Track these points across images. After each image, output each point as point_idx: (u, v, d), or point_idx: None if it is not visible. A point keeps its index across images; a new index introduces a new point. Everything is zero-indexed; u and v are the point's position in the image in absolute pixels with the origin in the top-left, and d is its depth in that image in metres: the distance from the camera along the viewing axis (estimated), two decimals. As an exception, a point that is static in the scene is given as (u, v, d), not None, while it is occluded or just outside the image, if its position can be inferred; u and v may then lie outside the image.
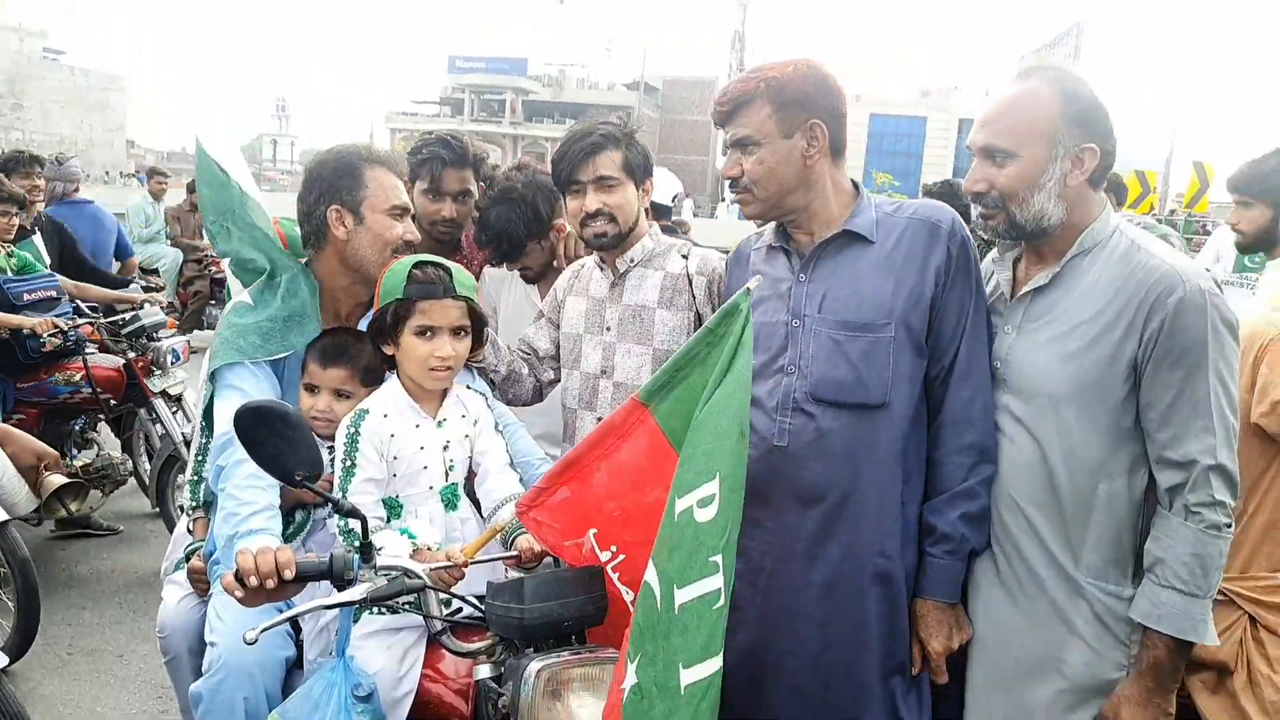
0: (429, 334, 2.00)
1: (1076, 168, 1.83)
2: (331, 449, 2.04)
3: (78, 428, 4.91)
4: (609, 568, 1.80)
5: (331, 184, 2.18)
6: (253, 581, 1.59)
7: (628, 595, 1.73)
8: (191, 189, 6.61)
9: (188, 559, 2.25)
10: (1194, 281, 1.73)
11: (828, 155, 2.04)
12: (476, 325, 2.09)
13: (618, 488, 1.77)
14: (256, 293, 2.23)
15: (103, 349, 4.83)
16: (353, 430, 1.98)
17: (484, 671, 1.72)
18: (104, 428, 5.10)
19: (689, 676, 1.48)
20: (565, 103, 65.57)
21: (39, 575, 3.70)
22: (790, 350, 2.02)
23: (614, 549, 1.78)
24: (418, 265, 2.02)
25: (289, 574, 1.61)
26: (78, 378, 4.65)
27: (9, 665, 2.30)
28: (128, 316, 4.83)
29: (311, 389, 2.14)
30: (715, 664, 1.48)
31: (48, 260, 5.11)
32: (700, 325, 2.27)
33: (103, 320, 4.82)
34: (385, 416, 2.00)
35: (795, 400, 1.99)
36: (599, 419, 2.36)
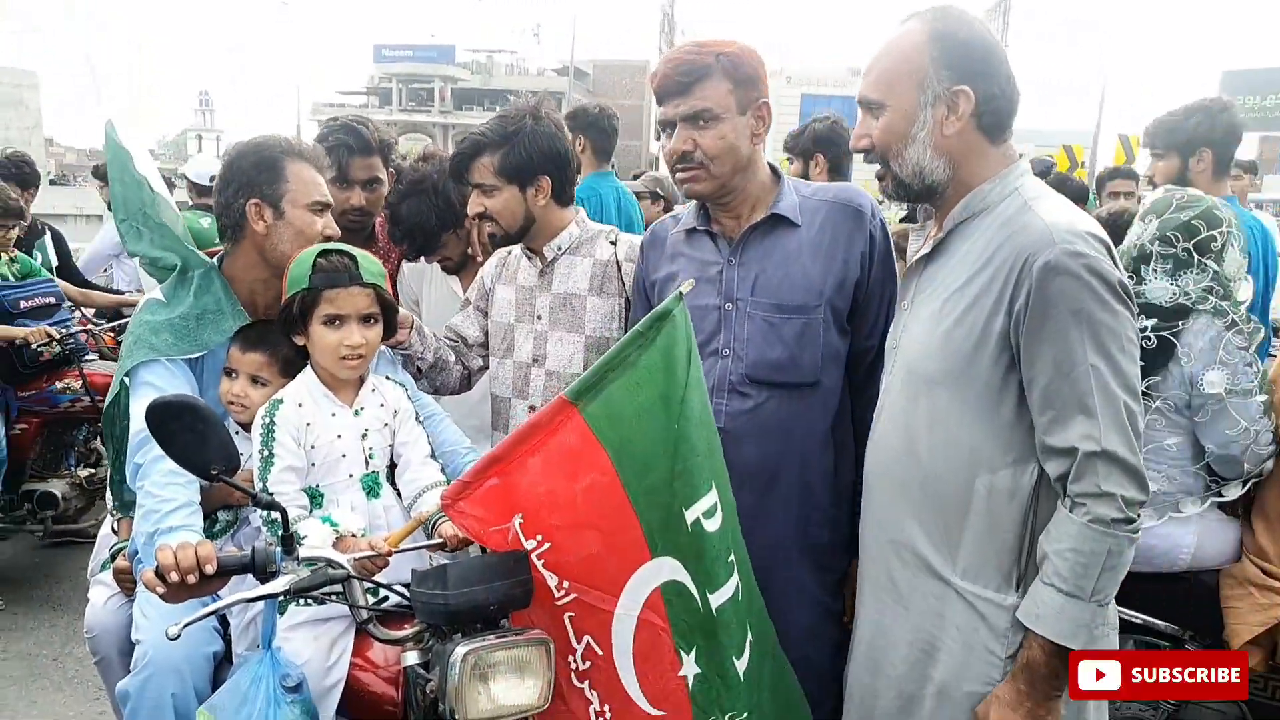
0: (337, 323, 2.00)
1: (952, 113, 1.65)
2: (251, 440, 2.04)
3: (80, 437, 4.78)
4: (534, 555, 1.84)
5: (251, 177, 2.16)
6: (173, 577, 1.58)
7: (552, 580, 1.76)
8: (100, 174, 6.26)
9: (113, 559, 2.24)
10: (1066, 243, 1.52)
11: (763, 139, 2.06)
12: (387, 312, 2.10)
13: (546, 477, 1.78)
14: (169, 289, 2.20)
15: (104, 356, 4.72)
16: (268, 420, 1.98)
17: (412, 658, 1.73)
18: None
19: (742, 663, 1.77)
20: (495, 89, 64.80)
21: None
22: (724, 333, 2.06)
23: (540, 537, 1.79)
24: (322, 254, 2.01)
25: (210, 568, 1.61)
26: (77, 385, 4.52)
27: None
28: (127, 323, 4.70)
29: (230, 373, 2.13)
30: (749, 638, 1.77)
31: (55, 262, 4.97)
32: (629, 311, 2.37)
33: (106, 326, 4.73)
34: (300, 406, 2.01)
35: (731, 382, 2.05)
36: (532, 407, 2.40)
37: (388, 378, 2.20)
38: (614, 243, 2.44)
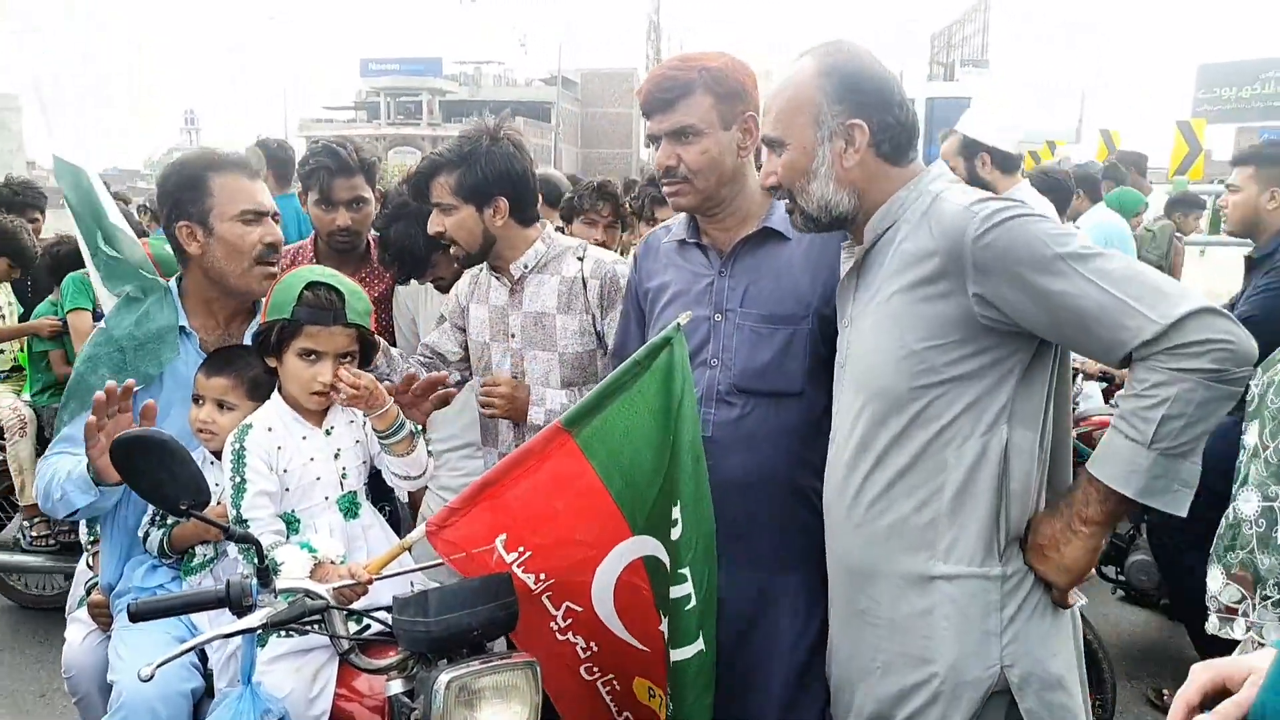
0: (313, 357, 1.97)
1: (850, 146, 1.69)
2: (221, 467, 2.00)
3: None
4: (515, 566, 1.81)
5: (177, 199, 2.12)
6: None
7: (529, 580, 1.82)
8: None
9: (89, 594, 2.19)
10: (983, 212, 1.55)
11: (751, 151, 2.07)
12: (365, 349, 2.07)
13: (534, 501, 1.79)
14: (113, 313, 2.17)
15: None
16: (238, 446, 1.95)
17: (396, 687, 1.70)
18: None
19: (675, 654, 1.84)
20: (483, 101, 64.89)
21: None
22: (713, 343, 2.08)
23: (521, 549, 1.80)
24: (310, 286, 1.97)
25: None
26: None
27: None
28: None
29: (197, 400, 2.09)
30: (696, 648, 1.85)
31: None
32: (595, 326, 2.39)
33: None
34: (270, 430, 1.98)
35: (719, 392, 2.06)
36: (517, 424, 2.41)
37: None
38: (581, 259, 2.44)
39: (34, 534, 4.21)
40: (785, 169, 1.75)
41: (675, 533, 1.83)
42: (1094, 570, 1.67)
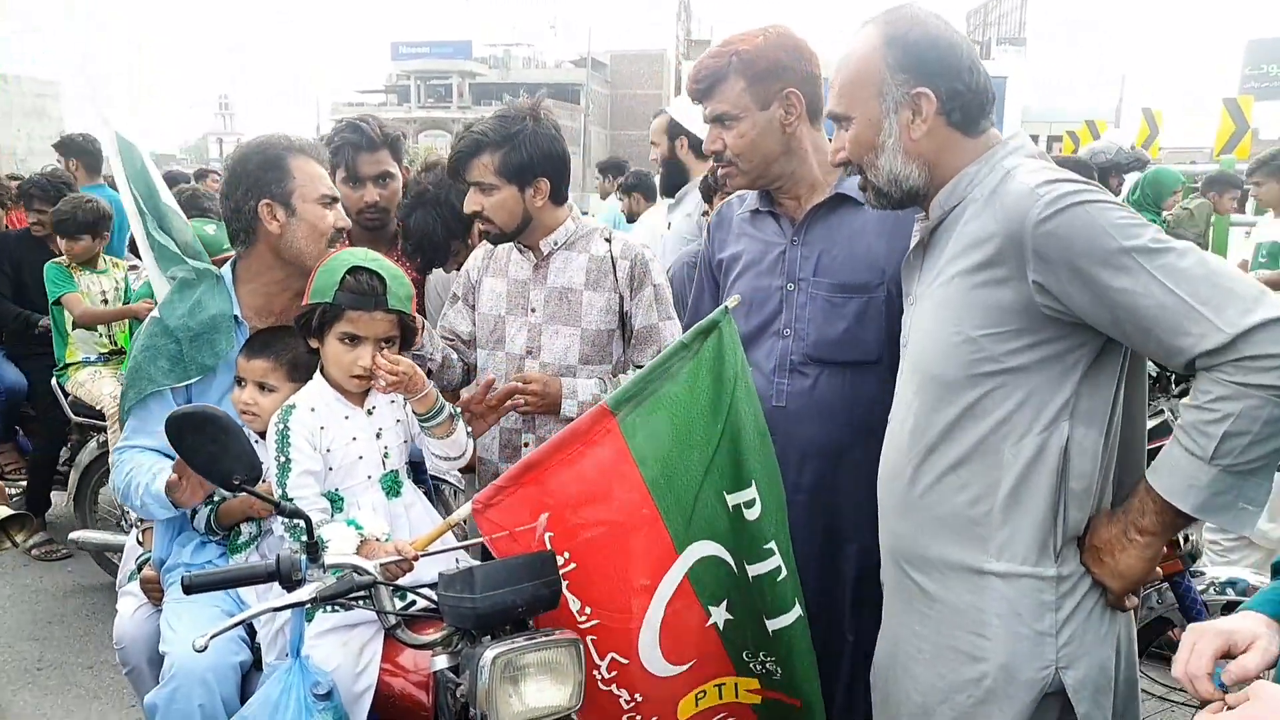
0: (353, 342, 1.98)
1: (917, 116, 1.62)
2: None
3: None
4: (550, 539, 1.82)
5: (259, 178, 2.14)
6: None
7: (575, 605, 1.81)
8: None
9: (139, 569, 2.24)
10: (1048, 195, 1.47)
11: (806, 120, 2.08)
12: (405, 334, 2.08)
13: (578, 487, 1.79)
14: (166, 302, 2.18)
15: None
16: (282, 426, 1.97)
17: (441, 662, 1.72)
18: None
19: (774, 624, 1.91)
20: (513, 83, 64.81)
21: (6, 591, 3.65)
22: (785, 314, 2.11)
23: (567, 555, 1.79)
24: (353, 271, 1.98)
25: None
26: None
27: None
28: None
29: (239, 381, 2.11)
30: (795, 613, 1.92)
31: None
32: (622, 306, 2.43)
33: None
34: (313, 410, 1.99)
35: (792, 362, 2.08)
36: None
37: None
38: (609, 240, 2.47)
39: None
40: (852, 144, 1.70)
41: (753, 512, 1.84)
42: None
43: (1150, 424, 1.92)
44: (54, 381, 4.52)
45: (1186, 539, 2.39)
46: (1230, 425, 1.37)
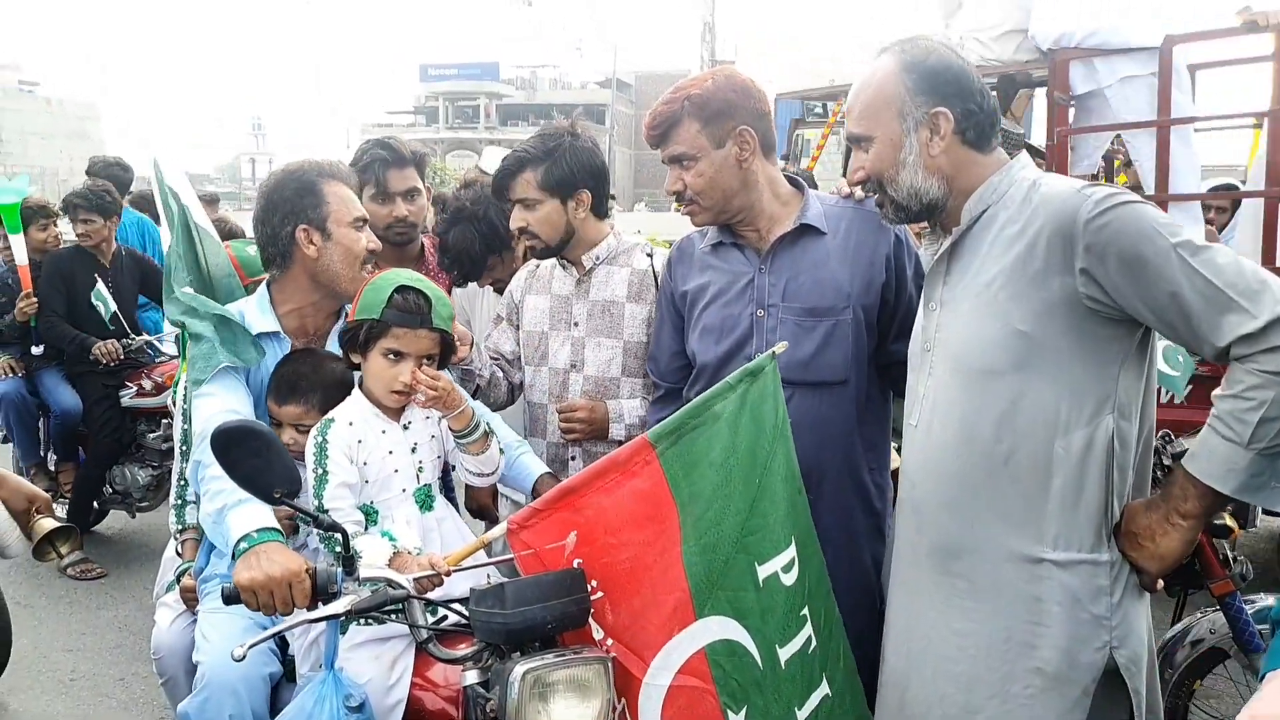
0: (396, 358, 2.03)
1: (935, 134, 1.75)
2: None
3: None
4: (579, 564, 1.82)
5: (295, 204, 2.19)
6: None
7: (598, 634, 1.78)
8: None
9: (178, 580, 2.28)
10: (1095, 194, 1.60)
11: (759, 155, 2.17)
12: (445, 352, 2.13)
13: (613, 517, 1.77)
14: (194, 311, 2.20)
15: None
16: (320, 439, 2.01)
17: (471, 677, 1.73)
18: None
19: (804, 711, 1.83)
20: (539, 104, 65.45)
21: (43, 604, 3.70)
22: (755, 339, 2.17)
23: (594, 584, 1.76)
24: (400, 289, 2.03)
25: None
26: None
27: None
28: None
29: (276, 423, 2.16)
30: (822, 692, 1.86)
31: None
32: None
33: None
34: (351, 424, 2.04)
35: None
36: None
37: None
38: (650, 255, 2.54)
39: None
40: (873, 161, 1.81)
41: (790, 576, 1.81)
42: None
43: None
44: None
45: (1235, 559, 2.38)
46: (1265, 411, 1.48)
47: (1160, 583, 1.72)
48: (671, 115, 2.15)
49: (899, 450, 1.97)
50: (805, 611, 1.86)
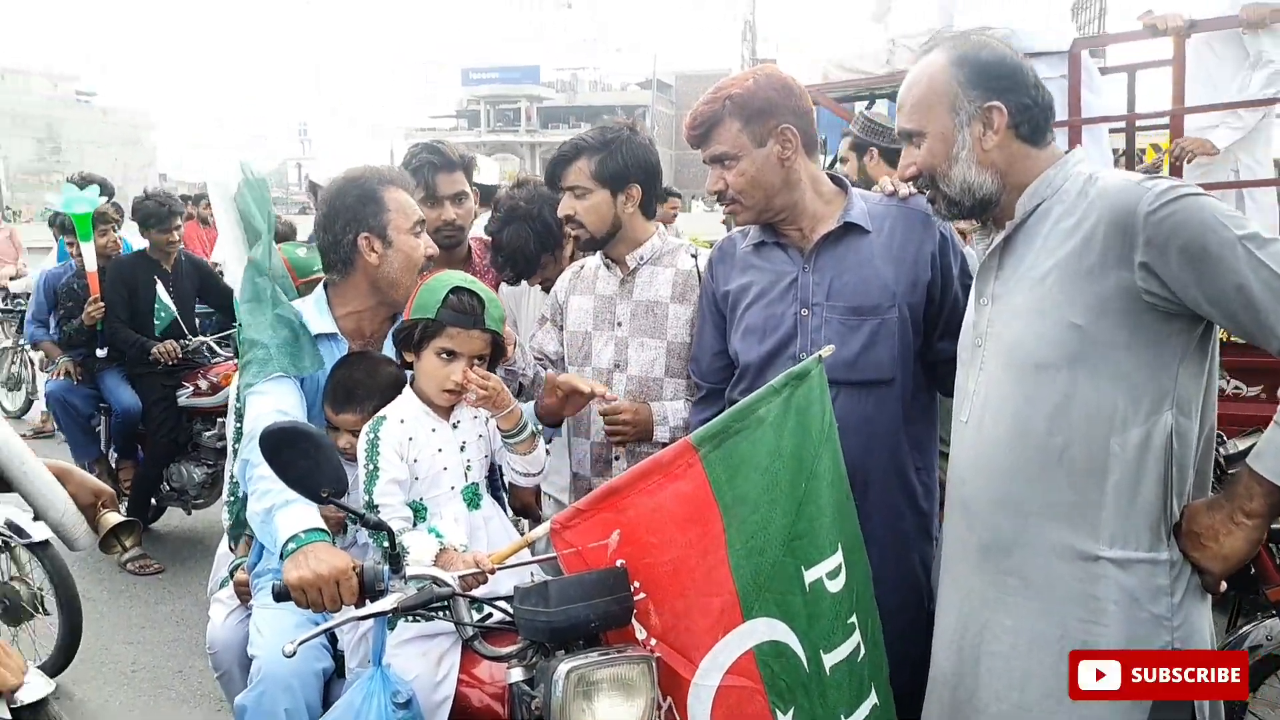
0: (448, 356, 2.07)
1: (988, 129, 1.74)
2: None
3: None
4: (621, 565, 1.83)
5: (357, 211, 2.24)
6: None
7: (640, 635, 1.78)
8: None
9: (232, 575, 2.34)
10: (1156, 187, 1.58)
11: (802, 153, 2.16)
12: (495, 353, 2.16)
13: (656, 519, 1.78)
14: (251, 314, 2.25)
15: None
16: (372, 435, 2.05)
17: (516, 675, 1.75)
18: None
19: None
20: (580, 106, 65.73)
21: (104, 597, 3.81)
22: (800, 338, 2.16)
23: (637, 584, 1.76)
24: (455, 290, 2.07)
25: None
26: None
27: (54, 690, 2.44)
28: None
29: (333, 428, 2.21)
30: (871, 702, 1.84)
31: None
32: None
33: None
34: (402, 422, 2.07)
35: None
36: None
37: None
38: (694, 255, 2.55)
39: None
40: (925, 157, 1.80)
41: (836, 583, 1.80)
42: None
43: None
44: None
45: None
46: None
47: (1224, 584, 1.68)
48: (712, 115, 2.15)
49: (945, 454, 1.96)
50: (853, 619, 1.84)
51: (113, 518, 2.11)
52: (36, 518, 2.13)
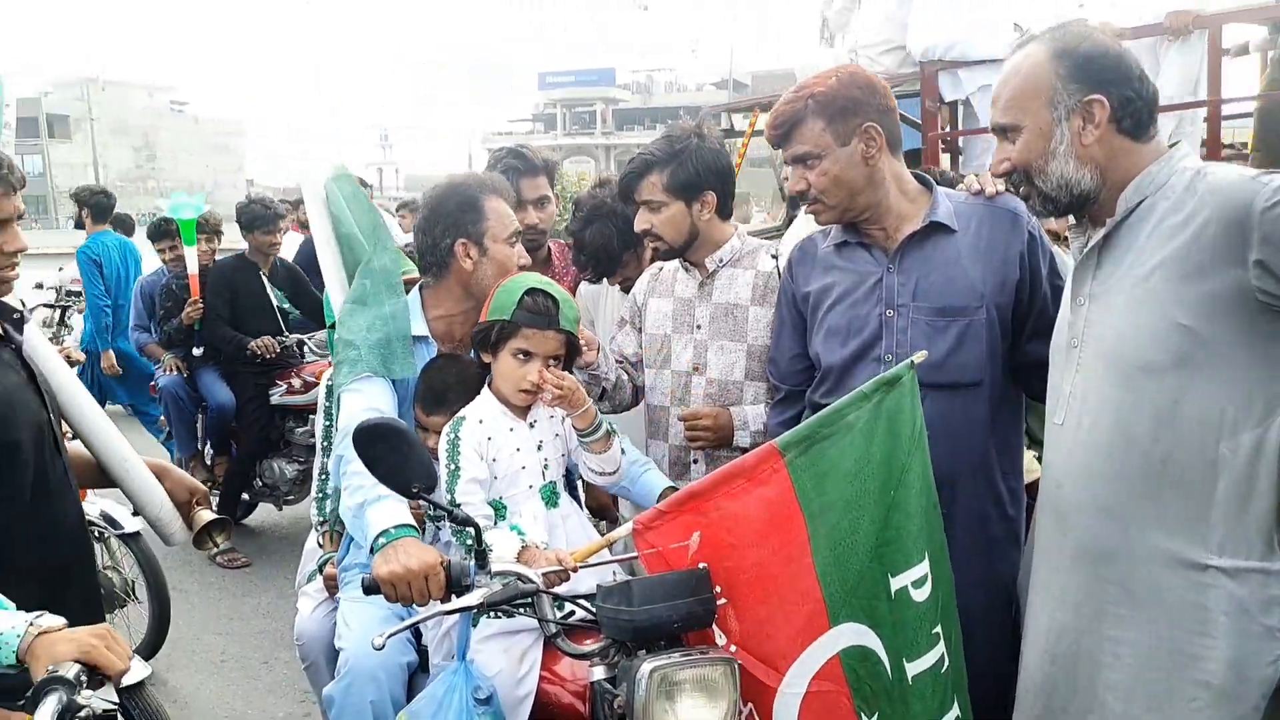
0: (524, 357, 2.08)
1: (1088, 123, 1.68)
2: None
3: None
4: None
5: (456, 218, 2.28)
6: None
7: (720, 640, 1.77)
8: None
9: (320, 569, 2.39)
10: (1272, 180, 1.52)
11: (886, 151, 2.12)
12: (570, 353, 2.18)
13: (739, 525, 1.77)
14: (349, 316, 2.30)
15: None
16: (453, 435, 2.08)
17: (598, 673, 1.75)
18: None
19: None
20: (655, 108, 65.80)
21: (195, 589, 3.94)
22: (885, 339, 2.12)
23: (718, 589, 1.75)
24: (530, 291, 2.09)
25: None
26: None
27: (150, 674, 2.55)
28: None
29: (421, 428, 2.24)
30: (954, 712, 1.81)
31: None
32: None
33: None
34: (481, 422, 2.10)
35: None
36: None
37: None
38: (774, 257, 2.51)
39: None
40: (1020, 152, 1.75)
41: (922, 592, 1.78)
42: None
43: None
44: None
45: None
46: None
47: None
48: (795, 114, 2.12)
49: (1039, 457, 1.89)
50: (938, 629, 1.81)
51: (205, 515, 2.19)
52: (135, 512, 2.22)
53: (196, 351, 5.42)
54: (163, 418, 5.70)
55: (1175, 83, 4.14)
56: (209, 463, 5.54)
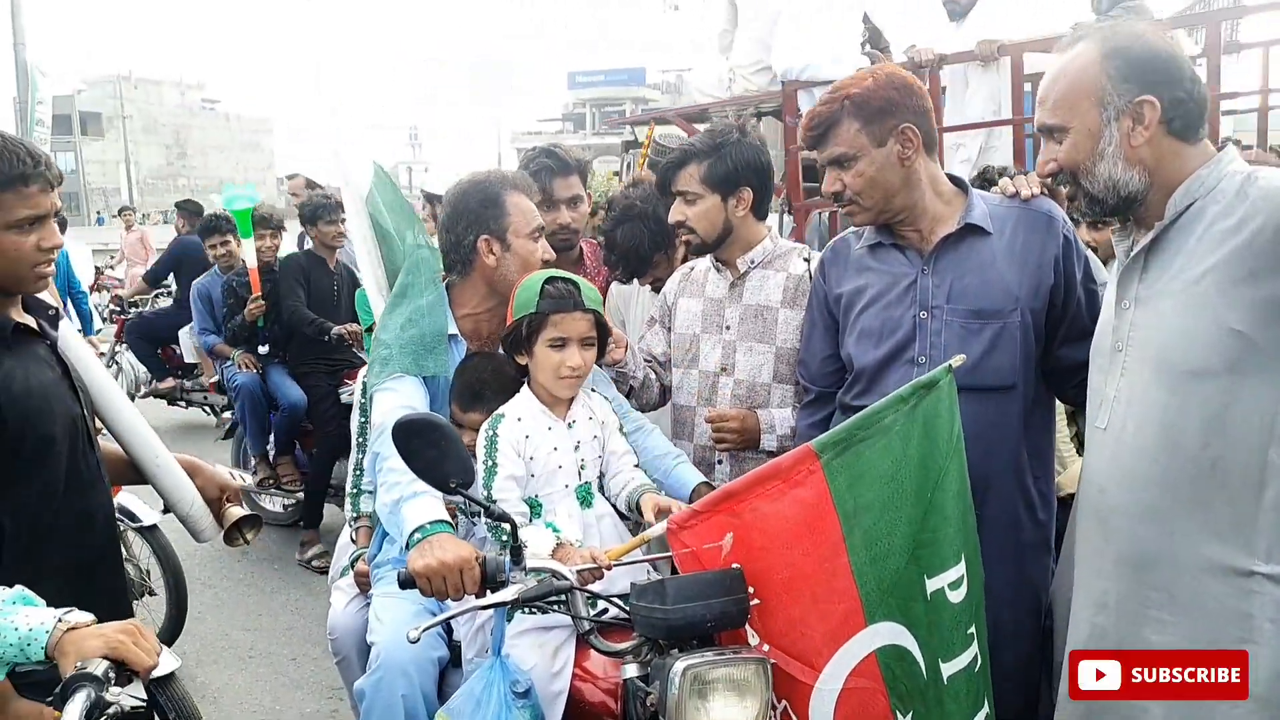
0: (560, 344, 2.09)
1: (1138, 124, 1.67)
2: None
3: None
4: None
5: (478, 214, 2.28)
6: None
7: (753, 640, 1.77)
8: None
9: (353, 565, 2.40)
10: None
11: (922, 153, 2.11)
12: (601, 335, 2.18)
13: (773, 526, 1.76)
14: (386, 314, 2.32)
15: None
16: (491, 432, 2.09)
17: (631, 671, 1.75)
18: None
19: None
20: (685, 108, 65.81)
21: (223, 586, 4.01)
22: (919, 341, 2.11)
23: (751, 590, 1.75)
24: (548, 281, 2.11)
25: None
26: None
27: (179, 665, 2.58)
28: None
29: (459, 425, 2.24)
30: (985, 711, 1.82)
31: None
32: None
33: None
34: (519, 420, 2.11)
35: None
36: None
37: (594, 390, 2.28)
38: (807, 260, 2.50)
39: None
40: (1068, 152, 1.73)
41: (958, 594, 1.78)
42: None
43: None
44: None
45: None
46: None
47: None
48: (830, 115, 2.12)
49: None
50: (972, 630, 1.81)
51: (236, 511, 2.21)
52: (166, 509, 2.24)
53: (262, 349, 5.35)
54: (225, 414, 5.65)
55: (981, 102, 4.71)
56: (272, 463, 5.45)
